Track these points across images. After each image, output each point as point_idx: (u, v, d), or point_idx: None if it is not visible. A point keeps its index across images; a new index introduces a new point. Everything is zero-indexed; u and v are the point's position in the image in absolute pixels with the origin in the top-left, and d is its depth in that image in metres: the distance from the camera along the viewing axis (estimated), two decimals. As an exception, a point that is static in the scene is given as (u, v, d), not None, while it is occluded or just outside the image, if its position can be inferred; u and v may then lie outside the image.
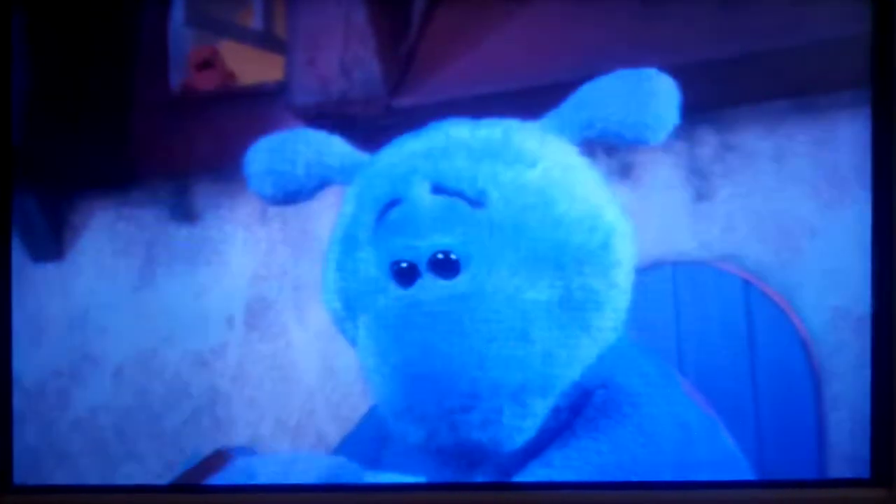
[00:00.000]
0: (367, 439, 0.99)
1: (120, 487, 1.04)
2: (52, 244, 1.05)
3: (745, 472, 0.95)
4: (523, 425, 0.86)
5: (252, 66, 1.06)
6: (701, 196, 0.99)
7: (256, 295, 1.04)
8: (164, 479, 1.03)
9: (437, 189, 0.88)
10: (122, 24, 1.05)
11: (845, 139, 0.97)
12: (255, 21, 1.07)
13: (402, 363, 0.87)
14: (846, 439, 0.96)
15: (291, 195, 0.96)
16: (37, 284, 1.04)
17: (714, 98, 0.99)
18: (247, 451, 1.02)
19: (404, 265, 0.88)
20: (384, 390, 0.89)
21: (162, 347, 1.04)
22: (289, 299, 1.03)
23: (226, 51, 1.08)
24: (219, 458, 1.00)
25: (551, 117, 0.92)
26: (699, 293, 0.98)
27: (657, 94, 0.90)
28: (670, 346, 0.98)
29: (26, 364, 1.05)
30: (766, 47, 0.98)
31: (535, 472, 0.91)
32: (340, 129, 1.03)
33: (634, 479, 0.91)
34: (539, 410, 0.87)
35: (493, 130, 0.91)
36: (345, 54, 1.03)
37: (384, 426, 0.92)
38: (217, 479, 0.99)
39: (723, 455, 0.94)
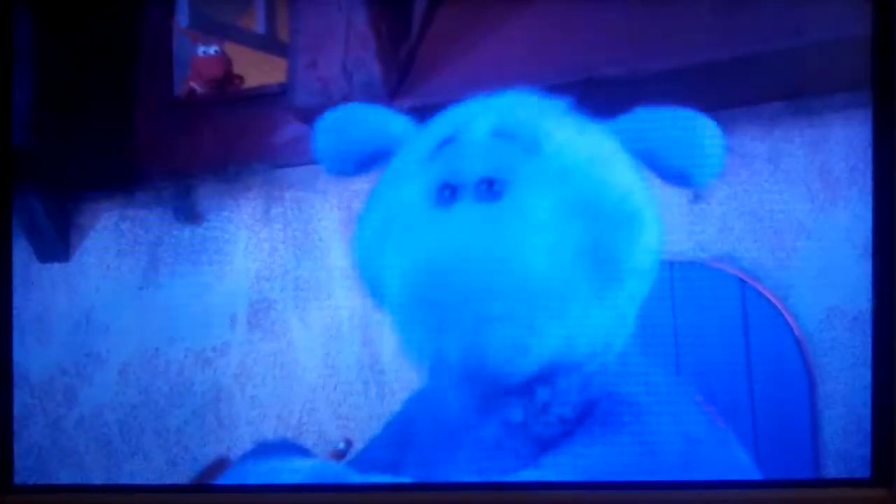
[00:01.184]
0: (390, 444, 1.00)
1: (120, 487, 1.05)
2: (57, 245, 1.06)
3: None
4: (534, 348, 0.88)
5: (254, 69, 1.07)
6: (697, 197, 1.00)
7: (259, 294, 1.05)
8: (168, 477, 1.04)
9: (496, 132, 0.90)
10: (126, 27, 1.05)
11: (839, 141, 0.98)
12: (257, 24, 1.07)
13: (435, 275, 0.88)
14: (840, 438, 0.97)
15: (355, 166, 0.98)
16: (43, 284, 1.05)
17: (711, 100, 1.00)
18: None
19: (448, 190, 0.90)
20: (416, 308, 0.90)
21: (166, 346, 1.05)
22: (291, 299, 1.04)
23: (229, 53, 1.09)
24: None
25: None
26: (695, 292, 0.99)
27: (707, 146, 0.92)
28: (667, 344, 0.99)
29: (32, 362, 1.06)
30: (762, 49, 0.99)
31: (522, 474, 0.92)
32: (341, 130, 1.04)
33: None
34: (552, 337, 0.88)
35: (558, 102, 0.94)
36: (346, 57, 1.04)
37: (407, 430, 0.95)
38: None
39: (732, 468, 0.94)
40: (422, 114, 1.02)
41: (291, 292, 1.04)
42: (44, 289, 1.05)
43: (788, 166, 0.99)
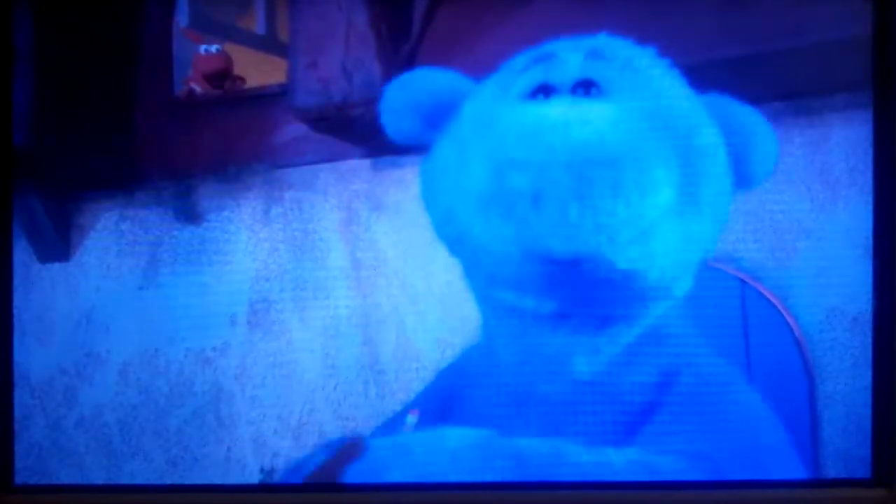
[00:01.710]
0: (437, 397, 1.01)
1: (121, 487, 1.05)
2: (58, 245, 1.06)
3: (798, 469, 0.97)
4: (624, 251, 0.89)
5: (254, 69, 1.08)
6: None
7: (259, 294, 1.05)
8: (168, 477, 1.04)
9: (591, 54, 0.93)
10: (127, 27, 1.05)
11: (839, 141, 0.98)
12: (257, 24, 1.08)
13: (526, 167, 0.89)
14: (839, 438, 0.97)
15: (420, 133, 0.98)
16: (43, 284, 1.06)
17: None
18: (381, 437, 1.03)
19: (542, 92, 0.92)
20: (505, 198, 0.90)
21: (166, 346, 1.05)
22: (291, 299, 1.04)
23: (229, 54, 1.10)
24: (353, 448, 1.00)
25: None
26: (695, 292, 0.99)
27: (763, 150, 0.94)
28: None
29: (33, 362, 1.06)
30: (762, 49, 0.99)
31: (624, 452, 0.93)
32: (341, 131, 1.04)
33: (712, 466, 0.93)
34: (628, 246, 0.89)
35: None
36: (346, 57, 1.04)
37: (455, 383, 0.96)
38: (352, 469, 0.98)
39: (781, 450, 0.96)
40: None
41: (291, 292, 1.04)
42: (44, 289, 1.05)
43: (788, 166, 0.99)
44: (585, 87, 0.91)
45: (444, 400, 1.01)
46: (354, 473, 0.97)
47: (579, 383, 0.94)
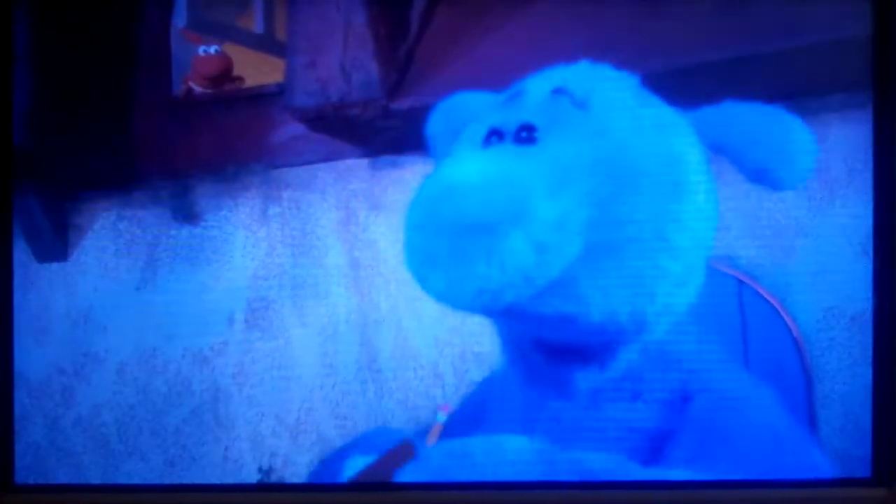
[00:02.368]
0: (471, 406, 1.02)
1: (120, 487, 1.05)
2: (56, 245, 1.06)
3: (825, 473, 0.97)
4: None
5: (252, 69, 1.08)
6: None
7: (257, 294, 1.05)
8: (167, 477, 1.04)
9: (556, 90, 0.92)
10: (125, 27, 1.06)
11: (837, 141, 0.98)
12: (255, 24, 1.08)
13: (447, 201, 0.87)
14: (837, 437, 0.97)
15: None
16: (41, 284, 1.06)
17: (708, 99, 1.00)
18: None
19: (495, 136, 0.92)
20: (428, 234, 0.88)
21: (164, 346, 1.05)
22: (289, 298, 1.04)
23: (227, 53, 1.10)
24: (405, 449, 0.99)
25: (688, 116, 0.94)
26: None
27: (800, 149, 0.92)
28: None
29: (31, 362, 1.06)
30: (760, 50, 0.99)
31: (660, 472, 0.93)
32: (339, 130, 1.04)
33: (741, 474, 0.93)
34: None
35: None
36: (344, 57, 1.04)
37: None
38: (406, 473, 0.97)
39: (808, 458, 0.96)
40: (420, 114, 1.03)
41: (289, 292, 1.04)
42: (42, 289, 1.05)
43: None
44: (528, 131, 0.90)
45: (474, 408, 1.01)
46: (408, 477, 0.97)
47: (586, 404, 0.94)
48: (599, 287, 0.88)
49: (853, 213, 0.98)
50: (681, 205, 0.90)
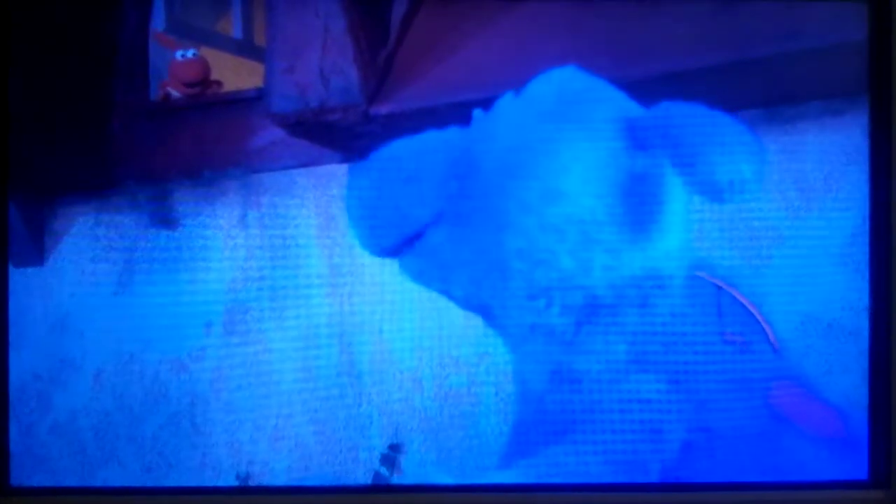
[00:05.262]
0: None
1: (123, 489, 1.04)
2: (32, 249, 1.05)
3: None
4: None
5: (231, 74, 1.07)
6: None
7: (235, 300, 1.04)
8: (143, 483, 1.04)
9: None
10: (102, 31, 1.05)
11: (814, 149, 0.99)
12: (234, 29, 1.07)
13: None
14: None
15: None
16: (17, 289, 1.05)
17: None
18: None
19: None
20: None
21: (141, 352, 1.04)
22: (267, 304, 1.04)
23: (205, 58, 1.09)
24: None
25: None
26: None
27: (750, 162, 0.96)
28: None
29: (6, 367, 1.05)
30: (738, 58, 0.99)
31: None
32: (318, 136, 1.04)
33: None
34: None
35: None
36: (323, 62, 1.03)
37: None
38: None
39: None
40: (400, 120, 1.03)
41: (268, 297, 1.04)
42: (17, 294, 1.04)
43: (764, 174, 0.99)
44: None
45: None
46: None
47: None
48: None
49: (830, 221, 0.98)
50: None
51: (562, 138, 0.97)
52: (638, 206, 0.95)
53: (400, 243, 1.00)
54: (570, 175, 0.96)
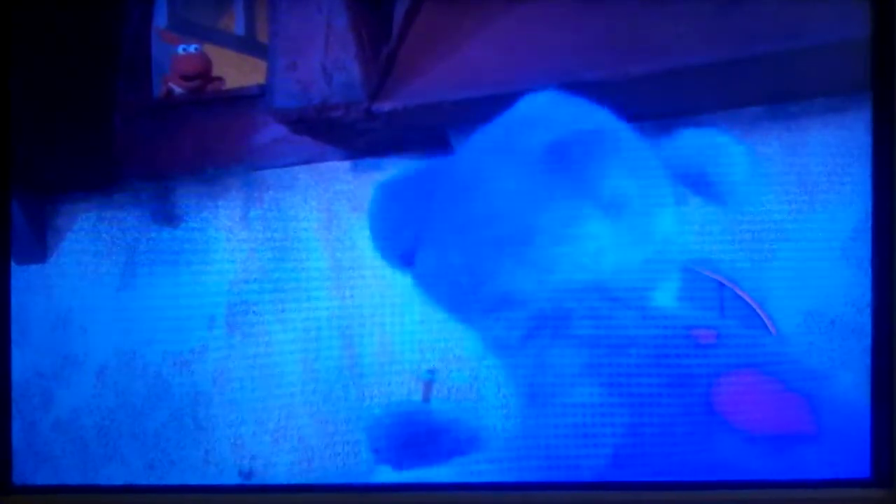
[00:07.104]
0: None
1: (125, 487, 1.04)
2: (35, 246, 1.05)
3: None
4: None
5: (234, 71, 1.07)
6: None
7: (238, 297, 1.04)
8: (145, 480, 1.04)
9: None
10: (105, 28, 1.05)
11: (817, 145, 0.99)
12: (236, 26, 1.07)
13: None
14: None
15: None
16: (20, 286, 1.05)
17: (692, 104, 1.01)
18: None
19: None
20: None
21: (143, 348, 1.04)
22: (270, 301, 1.04)
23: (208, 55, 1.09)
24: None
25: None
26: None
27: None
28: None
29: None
30: (740, 55, 0.99)
31: None
32: (321, 132, 1.04)
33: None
34: None
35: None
36: (326, 59, 1.03)
37: None
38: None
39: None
40: (402, 116, 1.03)
41: (271, 294, 1.04)
42: (20, 291, 1.04)
43: (767, 170, 0.99)
44: None
45: None
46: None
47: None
48: None
49: (833, 217, 0.98)
50: None
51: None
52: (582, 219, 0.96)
53: (400, 255, 1.01)
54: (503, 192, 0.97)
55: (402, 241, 1.01)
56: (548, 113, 0.99)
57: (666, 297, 0.98)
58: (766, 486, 0.95)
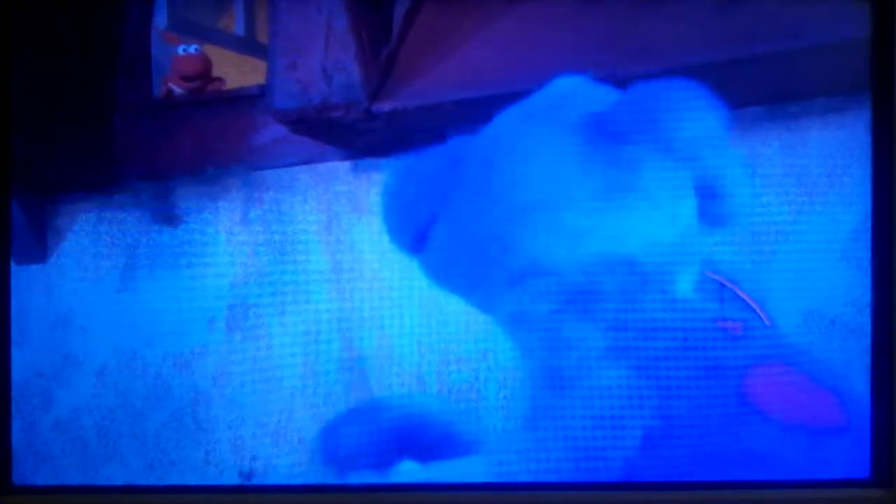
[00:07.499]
0: None
1: (126, 487, 1.04)
2: (34, 246, 1.05)
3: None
4: None
5: (234, 71, 1.07)
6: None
7: (238, 297, 1.04)
8: (145, 481, 1.04)
9: None
10: (105, 28, 1.05)
11: (817, 145, 0.99)
12: (236, 26, 1.07)
13: None
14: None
15: None
16: (20, 286, 1.05)
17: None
18: None
19: None
20: None
21: (144, 349, 1.04)
22: (270, 301, 1.04)
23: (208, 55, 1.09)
24: None
25: None
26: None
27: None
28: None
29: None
30: (741, 55, 0.99)
31: None
32: (321, 133, 1.04)
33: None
34: None
35: None
36: (326, 59, 1.03)
37: None
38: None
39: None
40: (402, 117, 1.03)
41: (270, 295, 1.04)
42: (20, 291, 1.04)
43: (766, 171, 0.99)
44: None
45: None
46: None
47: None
48: None
49: (833, 217, 0.98)
50: None
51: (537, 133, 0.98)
52: (614, 192, 0.96)
53: (413, 240, 1.01)
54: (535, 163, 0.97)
55: (418, 219, 1.00)
56: (585, 90, 0.99)
57: (687, 287, 0.98)
58: (766, 486, 0.96)
